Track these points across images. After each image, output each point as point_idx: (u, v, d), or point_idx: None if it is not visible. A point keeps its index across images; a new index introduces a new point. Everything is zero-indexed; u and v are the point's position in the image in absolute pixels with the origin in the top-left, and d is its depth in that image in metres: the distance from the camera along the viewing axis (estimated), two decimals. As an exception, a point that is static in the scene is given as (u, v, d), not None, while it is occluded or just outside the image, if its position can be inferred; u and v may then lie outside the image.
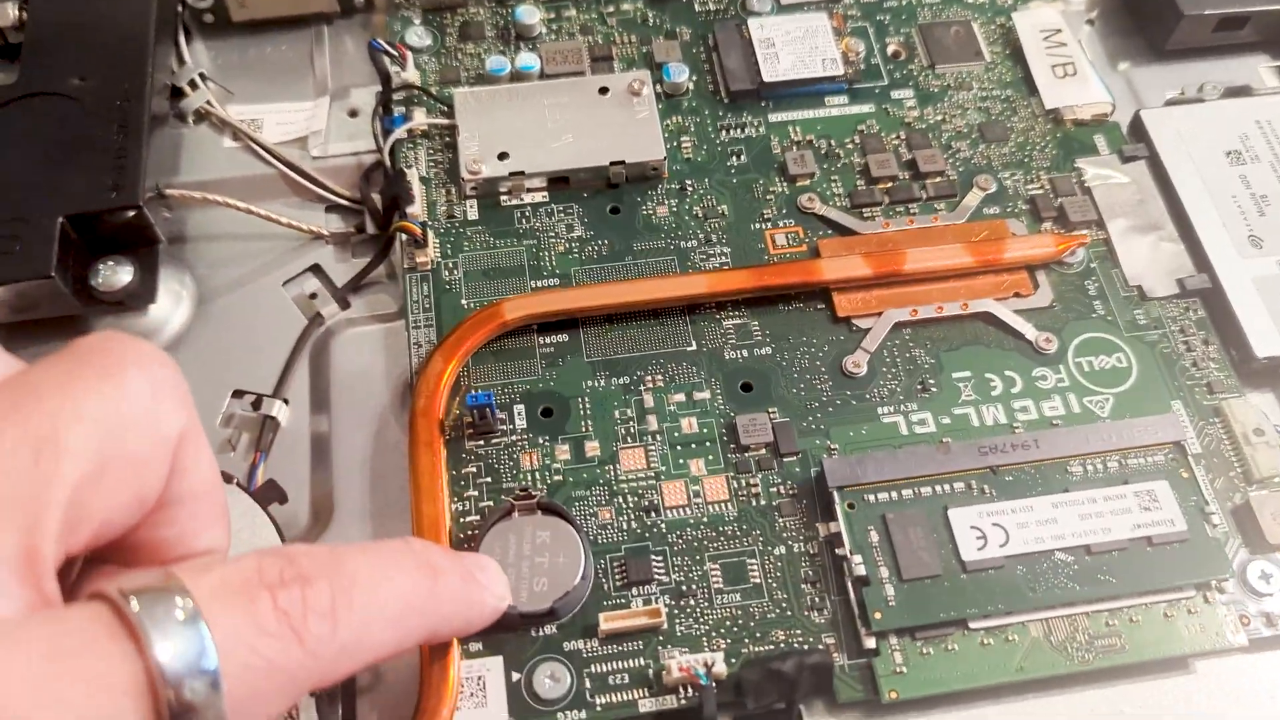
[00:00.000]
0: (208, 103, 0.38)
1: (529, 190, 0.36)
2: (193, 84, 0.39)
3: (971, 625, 0.29)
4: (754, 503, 0.31)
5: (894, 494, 0.30)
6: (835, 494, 0.30)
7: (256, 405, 0.33)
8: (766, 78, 0.38)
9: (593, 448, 0.32)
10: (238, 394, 0.34)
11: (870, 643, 0.28)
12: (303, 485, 0.32)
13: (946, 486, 0.30)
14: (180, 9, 0.40)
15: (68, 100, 0.35)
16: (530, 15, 0.39)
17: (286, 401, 0.33)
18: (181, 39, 0.39)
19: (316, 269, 0.36)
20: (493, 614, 0.26)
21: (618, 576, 0.30)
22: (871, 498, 0.30)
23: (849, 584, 0.29)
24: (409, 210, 0.35)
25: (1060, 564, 0.29)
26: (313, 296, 0.36)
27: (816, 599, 0.29)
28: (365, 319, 0.36)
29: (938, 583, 0.29)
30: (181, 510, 0.22)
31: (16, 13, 0.38)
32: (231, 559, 0.20)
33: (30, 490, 0.18)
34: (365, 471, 0.33)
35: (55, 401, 0.19)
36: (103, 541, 0.20)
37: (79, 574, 0.21)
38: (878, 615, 0.28)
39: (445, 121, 0.37)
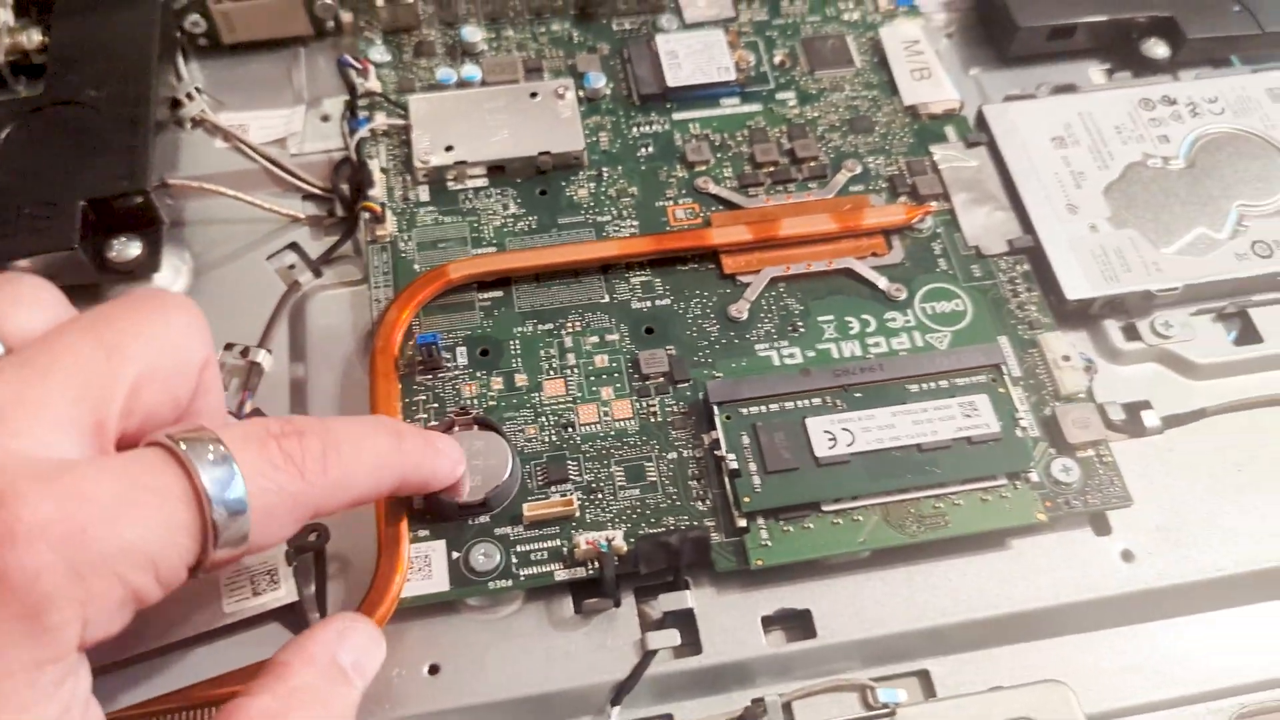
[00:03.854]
0: (202, 111, 0.45)
1: (471, 176, 0.43)
2: (189, 95, 0.45)
3: (824, 508, 0.35)
4: (652, 420, 0.37)
5: (763, 408, 0.37)
6: (715, 408, 0.36)
7: (245, 354, 0.40)
8: (671, 83, 0.45)
9: (521, 379, 0.38)
10: (229, 346, 0.40)
11: (742, 523, 0.35)
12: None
13: (806, 401, 0.37)
14: (179, 33, 0.47)
15: (86, 108, 0.42)
16: (473, 35, 0.47)
17: (270, 351, 0.40)
18: (180, 58, 0.47)
19: (294, 245, 0.42)
20: (449, 474, 0.32)
21: (540, 478, 0.36)
22: (745, 410, 0.36)
23: (725, 477, 0.36)
24: (371, 192, 0.42)
25: (896, 459, 0.35)
26: (291, 268, 0.42)
27: (701, 492, 0.36)
28: (335, 285, 0.42)
29: (796, 474, 0.35)
30: (200, 420, 0.29)
31: (40, 37, 0.45)
32: (245, 420, 0.27)
33: (101, 380, 0.25)
34: (335, 407, 0.39)
35: (121, 324, 0.26)
36: (145, 434, 0.27)
37: None
38: (747, 499, 0.35)
39: (401, 122, 0.44)
